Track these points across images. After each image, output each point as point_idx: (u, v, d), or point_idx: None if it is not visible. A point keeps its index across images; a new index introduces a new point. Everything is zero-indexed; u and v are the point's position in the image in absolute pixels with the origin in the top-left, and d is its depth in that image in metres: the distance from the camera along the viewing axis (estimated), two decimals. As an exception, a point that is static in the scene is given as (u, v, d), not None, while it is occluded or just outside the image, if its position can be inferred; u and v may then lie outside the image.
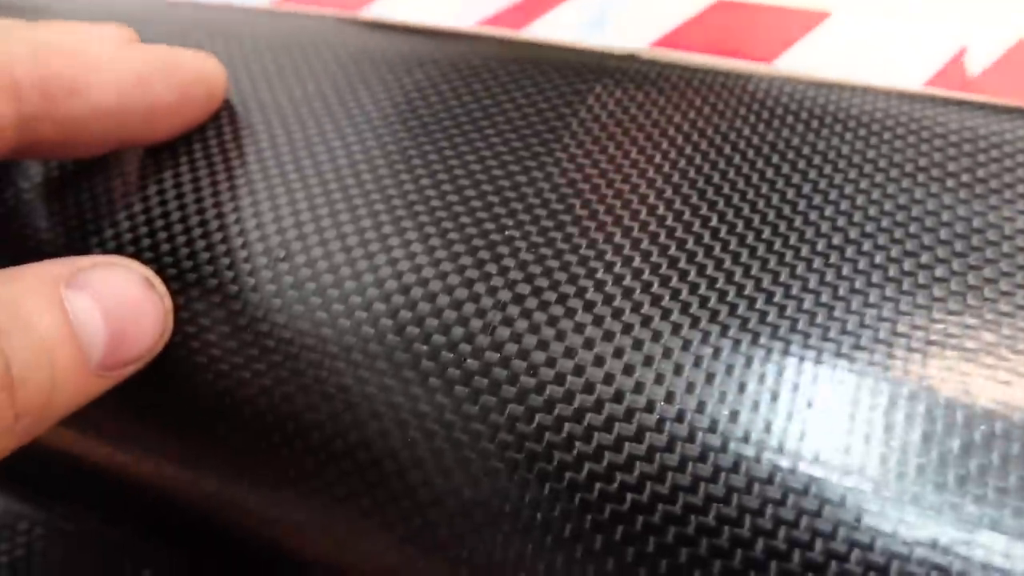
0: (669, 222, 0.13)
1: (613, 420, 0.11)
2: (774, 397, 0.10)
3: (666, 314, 0.11)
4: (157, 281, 0.12)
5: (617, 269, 0.12)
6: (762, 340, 0.11)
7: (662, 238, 0.12)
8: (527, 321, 0.12)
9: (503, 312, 0.12)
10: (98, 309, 0.11)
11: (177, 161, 0.15)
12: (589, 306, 0.12)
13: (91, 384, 0.11)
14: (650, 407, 0.11)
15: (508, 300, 0.12)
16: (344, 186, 0.14)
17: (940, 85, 0.24)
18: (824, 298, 0.11)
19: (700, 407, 0.10)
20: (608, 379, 0.11)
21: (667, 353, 0.11)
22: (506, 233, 0.13)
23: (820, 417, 0.10)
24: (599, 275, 0.12)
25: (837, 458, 0.10)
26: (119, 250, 0.14)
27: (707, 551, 0.10)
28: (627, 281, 0.12)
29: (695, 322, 0.11)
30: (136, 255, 0.14)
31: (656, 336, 0.11)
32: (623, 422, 0.11)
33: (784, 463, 0.10)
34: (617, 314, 0.11)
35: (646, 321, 0.11)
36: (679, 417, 0.10)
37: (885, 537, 0.09)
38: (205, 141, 0.15)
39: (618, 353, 0.11)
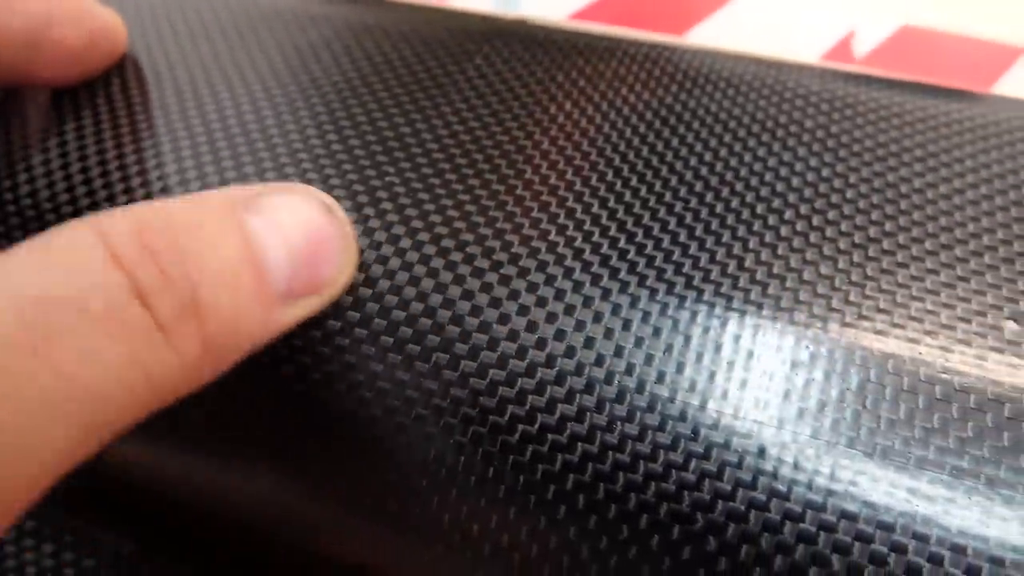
0: (548, 173, 0.13)
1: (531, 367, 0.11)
2: (686, 343, 0.11)
3: (557, 259, 0.12)
4: (337, 208, 0.12)
5: (500, 224, 0.13)
6: (668, 289, 0.12)
7: (544, 191, 0.13)
8: (400, 260, 0.12)
9: (383, 261, 0.12)
10: (278, 234, 0.10)
11: (83, 110, 0.15)
12: (462, 246, 0.12)
13: (275, 315, 0.10)
14: (569, 353, 0.11)
15: (383, 240, 0.12)
16: (231, 138, 0.14)
17: (829, 65, 0.26)
18: (695, 244, 0.12)
19: (618, 352, 0.11)
20: (503, 319, 0.11)
21: (559, 295, 0.12)
22: (386, 179, 0.13)
23: (699, 352, 0.11)
24: (480, 228, 0.12)
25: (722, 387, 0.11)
26: (27, 196, 0.14)
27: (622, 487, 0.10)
28: (507, 233, 0.12)
29: (581, 270, 0.12)
30: (40, 199, 0.14)
31: (531, 283, 0.12)
32: (544, 367, 0.11)
33: (694, 403, 0.11)
34: (489, 253, 0.12)
35: (519, 259, 0.12)
36: (597, 362, 0.11)
37: (784, 476, 0.10)
38: (109, 90, 0.15)
39: (487, 288, 0.12)
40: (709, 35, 0.28)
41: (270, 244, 0.10)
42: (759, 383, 0.11)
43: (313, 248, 0.11)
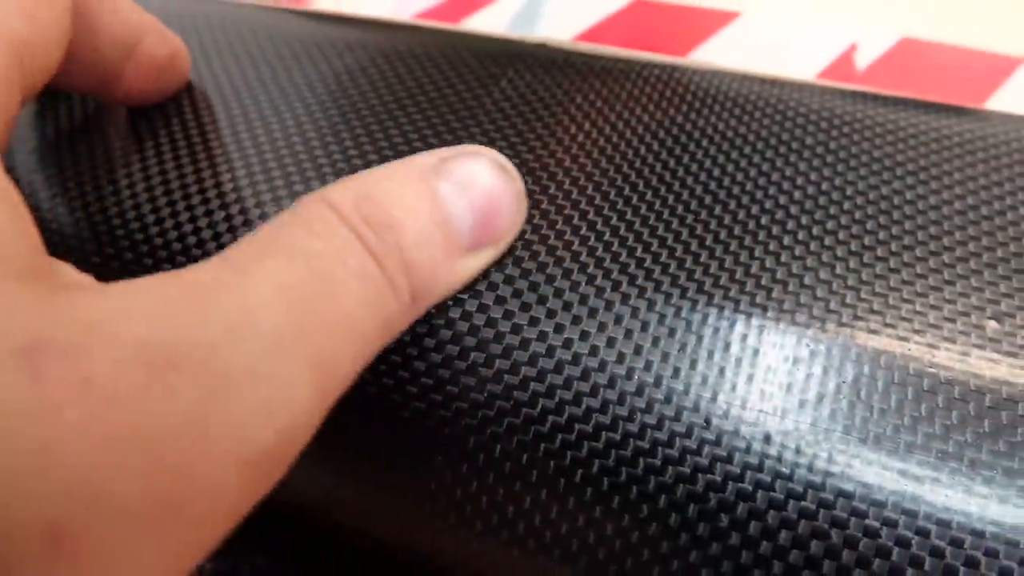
0: (571, 189, 0.15)
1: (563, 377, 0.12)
2: (698, 342, 0.12)
3: (584, 272, 0.13)
4: (511, 167, 0.13)
5: (528, 235, 0.14)
6: (681, 293, 0.13)
7: (567, 205, 0.14)
8: None
9: None
10: (464, 197, 0.12)
11: (162, 129, 0.16)
12: (501, 267, 0.13)
13: (462, 267, 0.12)
14: (593, 352, 0.12)
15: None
16: (280, 158, 0.15)
17: (831, 77, 0.27)
18: (708, 250, 0.14)
19: (637, 350, 0.12)
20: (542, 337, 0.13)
21: (588, 306, 0.13)
22: (424, 196, 0.14)
23: (708, 351, 0.12)
24: (515, 246, 0.14)
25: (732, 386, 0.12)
26: (116, 204, 0.15)
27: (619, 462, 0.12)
28: (534, 244, 0.14)
29: (609, 277, 0.13)
30: (127, 215, 0.15)
31: (570, 294, 0.13)
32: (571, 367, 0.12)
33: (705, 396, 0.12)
34: (519, 262, 0.13)
35: (555, 277, 0.13)
36: (618, 360, 0.12)
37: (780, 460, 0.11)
38: (183, 112, 0.17)
39: (526, 308, 0.13)
40: (716, 51, 0.29)
41: (456, 205, 0.12)
42: (763, 377, 0.12)
43: (490, 205, 0.13)
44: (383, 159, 0.15)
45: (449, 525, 0.12)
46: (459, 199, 0.12)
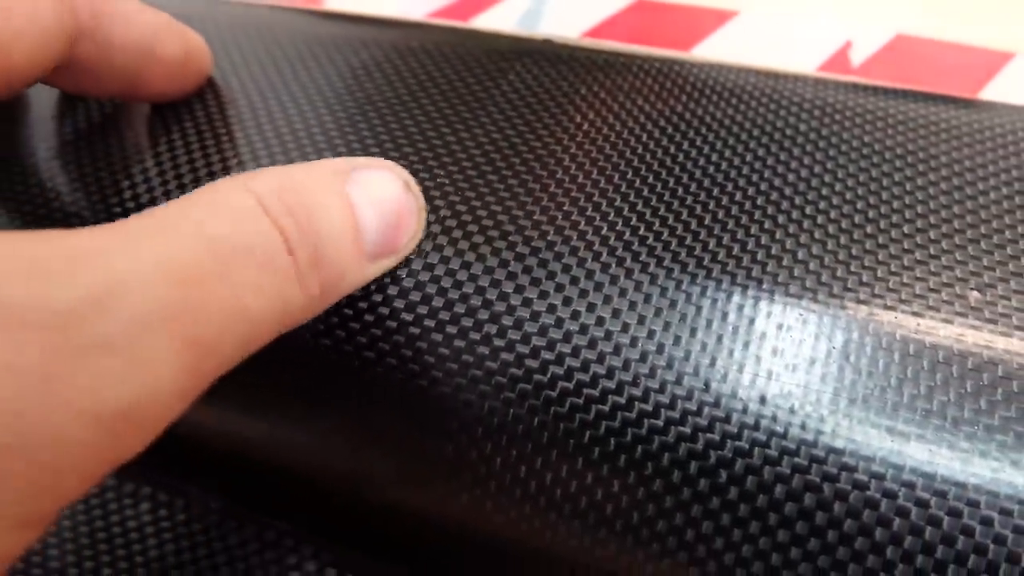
0: (576, 174, 0.15)
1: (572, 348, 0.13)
2: (697, 313, 0.13)
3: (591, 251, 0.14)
4: (414, 183, 0.14)
5: (537, 216, 0.15)
6: (681, 268, 0.14)
7: (573, 189, 0.15)
8: (453, 248, 0.14)
9: (440, 250, 0.14)
10: (371, 204, 0.13)
11: (185, 121, 0.17)
12: (505, 236, 0.14)
13: (365, 270, 0.13)
14: (608, 336, 0.13)
15: (438, 232, 0.14)
16: (301, 148, 0.16)
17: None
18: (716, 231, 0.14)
19: (650, 335, 0.13)
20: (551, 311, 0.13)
21: (595, 287, 0.14)
22: (437, 180, 0.15)
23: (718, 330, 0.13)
24: (520, 220, 0.15)
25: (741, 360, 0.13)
26: (133, 199, 0.16)
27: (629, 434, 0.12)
28: (543, 224, 0.15)
29: (624, 260, 0.14)
30: (147, 202, 0.16)
31: (576, 271, 0.14)
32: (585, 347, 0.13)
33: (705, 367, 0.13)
34: (528, 241, 0.14)
35: (568, 253, 0.14)
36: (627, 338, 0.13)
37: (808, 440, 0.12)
38: (206, 107, 0.17)
39: (537, 287, 0.14)
40: (714, 49, 0.30)
41: (365, 212, 0.12)
42: (756, 343, 0.13)
43: (395, 218, 0.13)
44: (398, 148, 0.16)
45: (463, 487, 0.13)
46: (368, 207, 0.13)
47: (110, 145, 0.17)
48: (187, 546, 0.15)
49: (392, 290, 0.14)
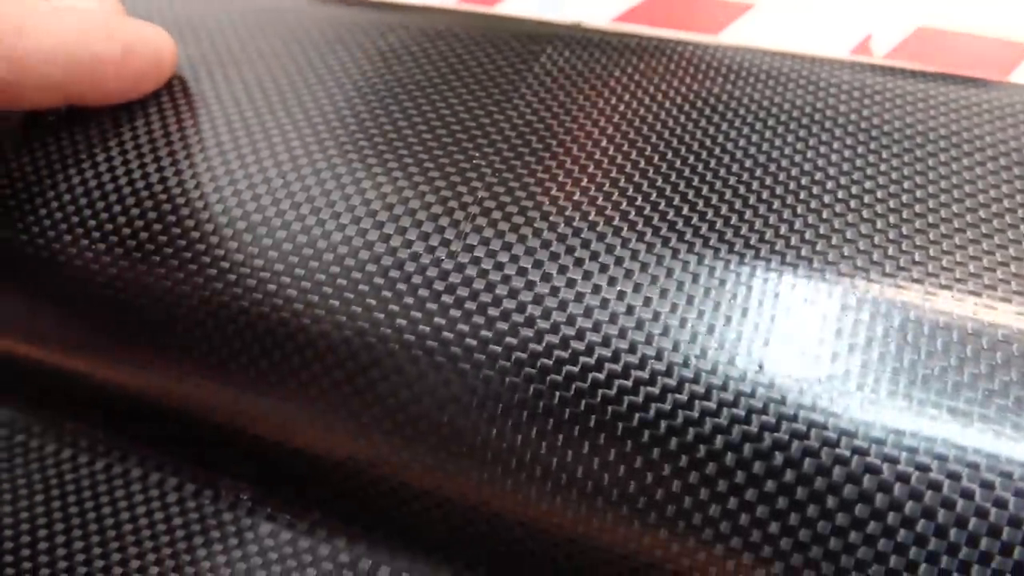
0: (605, 157, 0.15)
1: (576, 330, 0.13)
2: (721, 286, 0.13)
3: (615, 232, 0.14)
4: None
5: (578, 196, 0.14)
6: (715, 252, 0.13)
7: (612, 169, 0.15)
8: (493, 229, 0.14)
9: (479, 230, 0.14)
10: None
11: (136, 120, 0.17)
12: (545, 216, 0.14)
13: None
14: (615, 319, 0.13)
15: (477, 213, 0.14)
16: (331, 130, 0.16)
17: (849, 65, 0.28)
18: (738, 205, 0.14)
19: (655, 316, 0.13)
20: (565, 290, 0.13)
21: (603, 268, 0.13)
22: (473, 162, 0.15)
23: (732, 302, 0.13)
24: (560, 200, 0.14)
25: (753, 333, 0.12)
26: (65, 217, 0.16)
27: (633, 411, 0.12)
28: (583, 204, 0.14)
29: (641, 237, 0.14)
30: (86, 222, 0.15)
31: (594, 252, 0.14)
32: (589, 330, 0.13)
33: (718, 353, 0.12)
34: (569, 221, 0.14)
35: (590, 237, 0.14)
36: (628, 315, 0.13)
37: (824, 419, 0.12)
38: (159, 101, 0.17)
39: (561, 268, 0.13)
40: (734, 39, 0.30)
41: None
42: (811, 323, 0.12)
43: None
44: (432, 130, 0.16)
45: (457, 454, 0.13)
46: None
47: (52, 146, 0.16)
48: (217, 537, 0.15)
49: (432, 272, 0.14)
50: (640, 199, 0.14)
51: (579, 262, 0.13)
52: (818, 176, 0.15)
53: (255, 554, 0.15)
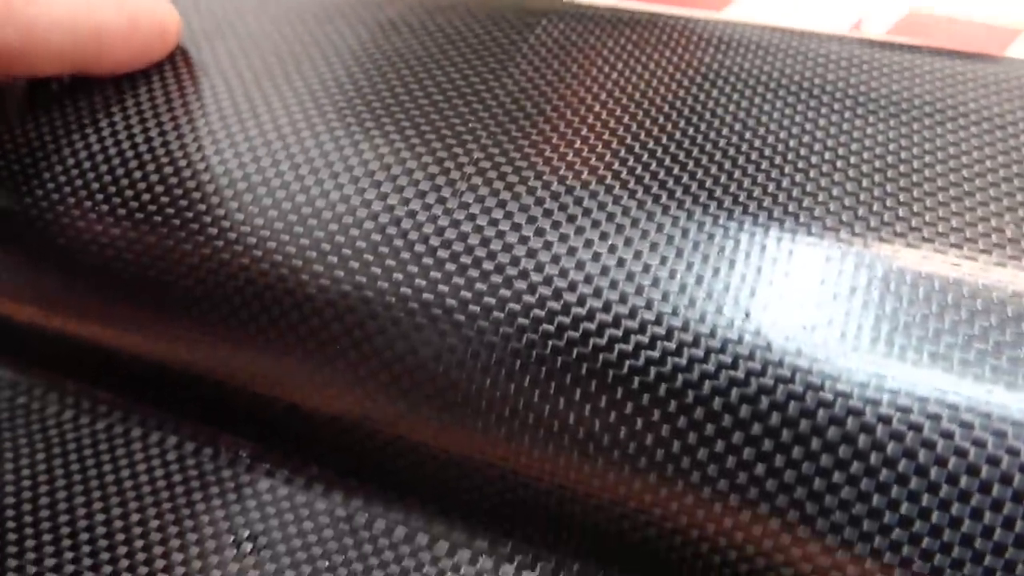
0: (598, 121, 0.15)
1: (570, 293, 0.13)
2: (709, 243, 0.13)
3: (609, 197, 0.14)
4: None
5: (571, 157, 0.15)
6: (704, 209, 0.14)
7: (605, 132, 0.15)
8: (489, 188, 0.14)
9: (475, 189, 0.14)
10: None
11: (138, 87, 0.17)
12: (539, 175, 0.14)
13: None
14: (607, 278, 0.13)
15: (472, 172, 0.14)
16: (331, 97, 0.16)
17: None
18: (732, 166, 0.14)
19: (656, 282, 0.13)
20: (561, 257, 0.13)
21: (603, 237, 0.14)
22: (469, 126, 0.15)
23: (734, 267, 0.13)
24: (554, 162, 0.15)
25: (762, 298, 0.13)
26: (69, 182, 0.16)
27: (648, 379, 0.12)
28: (576, 165, 0.15)
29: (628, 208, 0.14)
30: (89, 186, 0.16)
31: (593, 217, 0.14)
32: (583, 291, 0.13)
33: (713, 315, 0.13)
34: (563, 180, 0.14)
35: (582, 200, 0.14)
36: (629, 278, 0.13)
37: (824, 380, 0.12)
38: (162, 69, 0.17)
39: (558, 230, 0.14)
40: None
41: None
42: (795, 274, 0.13)
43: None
44: (429, 97, 0.16)
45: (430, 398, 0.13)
46: None
47: (56, 118, 0.17)
48: (216, 492, 0.15)
49: (428, 228, 0.14)
50: (631, 159, 0.14)
51: (571, 218, 0.14)
52: (805, 139, 0.15)
53: (253, 508, 0.15)
